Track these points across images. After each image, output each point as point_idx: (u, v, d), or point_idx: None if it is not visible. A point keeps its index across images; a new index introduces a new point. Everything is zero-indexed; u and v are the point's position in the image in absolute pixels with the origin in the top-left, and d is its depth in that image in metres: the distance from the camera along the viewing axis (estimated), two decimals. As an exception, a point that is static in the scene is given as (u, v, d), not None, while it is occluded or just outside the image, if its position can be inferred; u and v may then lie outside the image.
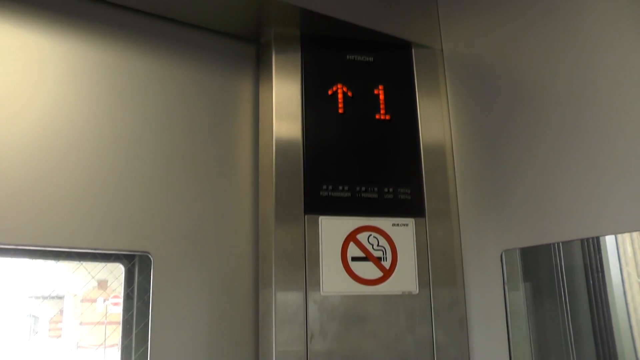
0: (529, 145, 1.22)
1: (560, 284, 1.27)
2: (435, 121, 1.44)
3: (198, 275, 1.26)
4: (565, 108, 1.15)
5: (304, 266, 1.24)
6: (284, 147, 1.29)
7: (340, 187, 1.31)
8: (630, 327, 1.21)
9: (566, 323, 1.26)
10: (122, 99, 1.25)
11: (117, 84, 1.25)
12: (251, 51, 1.45)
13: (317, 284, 1.23)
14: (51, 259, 1.16)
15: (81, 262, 1.18)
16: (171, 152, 1.28)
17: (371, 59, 1.42)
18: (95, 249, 1.15)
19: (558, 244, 1.26)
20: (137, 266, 1.24)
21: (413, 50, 1.47)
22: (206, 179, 1.32)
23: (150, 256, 1.20)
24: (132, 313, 1.23)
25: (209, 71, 1.38)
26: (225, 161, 1.36)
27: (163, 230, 1.23)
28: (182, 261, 1.24)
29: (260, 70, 1.43)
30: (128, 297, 1.23)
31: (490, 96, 1.35)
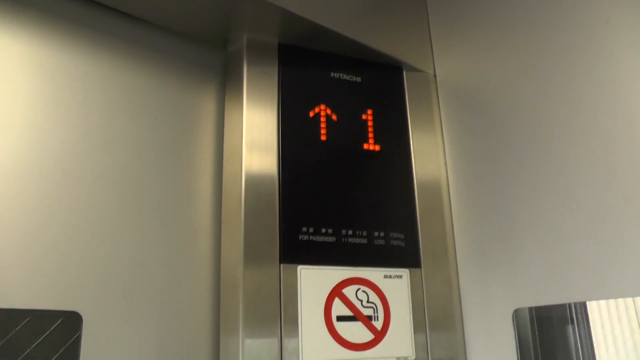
0: (535, 182, 1.06)
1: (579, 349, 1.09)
2: (430, 154, 1.25)
3: (142, 341, 0.97)
4: (573, 139, 1.00)
5: (279, 329, 0.99)
6: (255, 180, 1.05)
7: (323, 230, 1.08)
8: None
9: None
10: (51, 107, 0.97)
11: (44, 87, 0.97)
12: (217, 60, 1.20)
13: (295, 352, 0.99)
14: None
15: None
16: (112, 181, 1.01)
17: (359, 79, 1.22)
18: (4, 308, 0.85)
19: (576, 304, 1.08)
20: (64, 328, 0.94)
21: (405, 73, 1.28)
22: (154, 216, 1.04)
23: (80, 315, 0.91)
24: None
25: (161, 79, 1.12)
26: (179, 193, 1.09)
27: (98, 281, 0.95)
28: (122, 321, 0.96)
29: (227, 84, 1.18)
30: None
31: (488, 127, 1.18)
